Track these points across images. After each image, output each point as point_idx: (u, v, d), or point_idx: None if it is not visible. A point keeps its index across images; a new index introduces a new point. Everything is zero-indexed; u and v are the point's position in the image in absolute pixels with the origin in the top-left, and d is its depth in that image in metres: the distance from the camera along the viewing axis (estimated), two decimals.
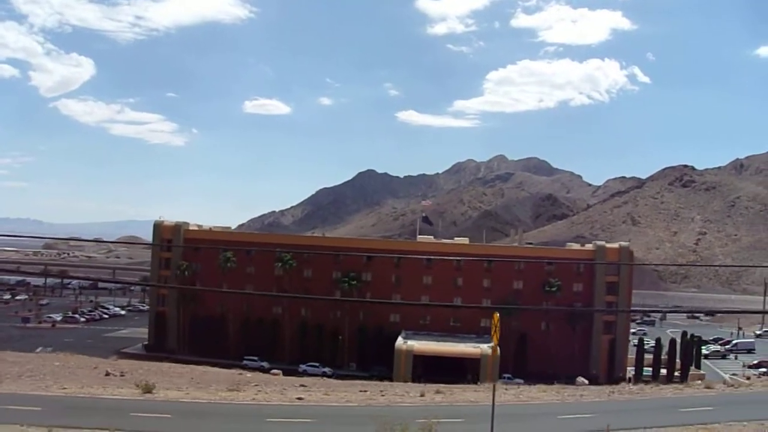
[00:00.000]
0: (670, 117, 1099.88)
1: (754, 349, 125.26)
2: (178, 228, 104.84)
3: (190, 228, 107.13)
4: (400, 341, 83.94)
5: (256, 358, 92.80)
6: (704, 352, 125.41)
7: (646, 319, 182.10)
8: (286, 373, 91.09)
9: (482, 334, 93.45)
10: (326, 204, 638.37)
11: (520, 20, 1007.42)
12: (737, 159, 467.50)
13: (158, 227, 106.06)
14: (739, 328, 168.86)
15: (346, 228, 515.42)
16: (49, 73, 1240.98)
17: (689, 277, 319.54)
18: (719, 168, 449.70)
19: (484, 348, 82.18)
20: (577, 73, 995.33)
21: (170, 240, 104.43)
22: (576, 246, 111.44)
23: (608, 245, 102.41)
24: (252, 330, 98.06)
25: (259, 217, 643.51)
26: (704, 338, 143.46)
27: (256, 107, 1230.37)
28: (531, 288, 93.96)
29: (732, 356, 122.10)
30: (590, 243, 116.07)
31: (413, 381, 72.57)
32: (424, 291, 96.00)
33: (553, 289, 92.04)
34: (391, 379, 75.05)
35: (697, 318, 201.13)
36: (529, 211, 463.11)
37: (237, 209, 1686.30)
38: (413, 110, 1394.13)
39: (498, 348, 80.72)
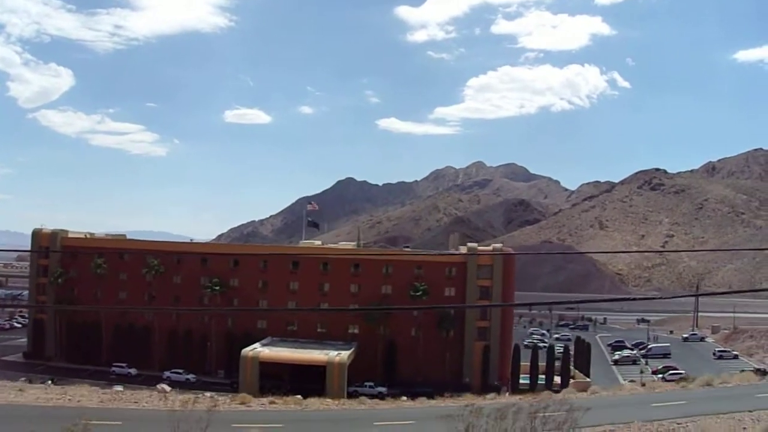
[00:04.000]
0: (648, 121, 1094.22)
1: (669, 354, 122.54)
2: (54, 235, 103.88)
3: (69, 236, 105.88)
4: (247, 348, 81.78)
5: (124, 364, 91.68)
6: (615, 357, 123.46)
7: (579, 323, 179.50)
8: (150, 379, 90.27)
9: (350, 341, 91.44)
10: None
11: (501, 26, 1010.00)
12: (709, 162, 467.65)
13: (36, 235, 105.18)
14: (671, 332, 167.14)
15: (322, 237, 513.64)
16: (28, 83, 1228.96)
17: (652, 280, 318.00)
18: (691, 171, 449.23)
19: (332, 355, 79.89)
20: (557, 78, 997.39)
21: (47, 247, 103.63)
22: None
23: (480, 246, 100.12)
24: (123, 336, 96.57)
25: (239, 227, 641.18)
26: (626, 343, 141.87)
27: (236, 117, 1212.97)
28: (399, 293, 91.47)
29: (643, 361, 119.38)
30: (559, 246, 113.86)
31: (264, 389, 71.02)
32: (290, 296, 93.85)
33: (419, 293, 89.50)
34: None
35: (646, 322, 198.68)
36: (501, 217, 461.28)
37: (218, 219, 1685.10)
38: (394, 117, 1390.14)
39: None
